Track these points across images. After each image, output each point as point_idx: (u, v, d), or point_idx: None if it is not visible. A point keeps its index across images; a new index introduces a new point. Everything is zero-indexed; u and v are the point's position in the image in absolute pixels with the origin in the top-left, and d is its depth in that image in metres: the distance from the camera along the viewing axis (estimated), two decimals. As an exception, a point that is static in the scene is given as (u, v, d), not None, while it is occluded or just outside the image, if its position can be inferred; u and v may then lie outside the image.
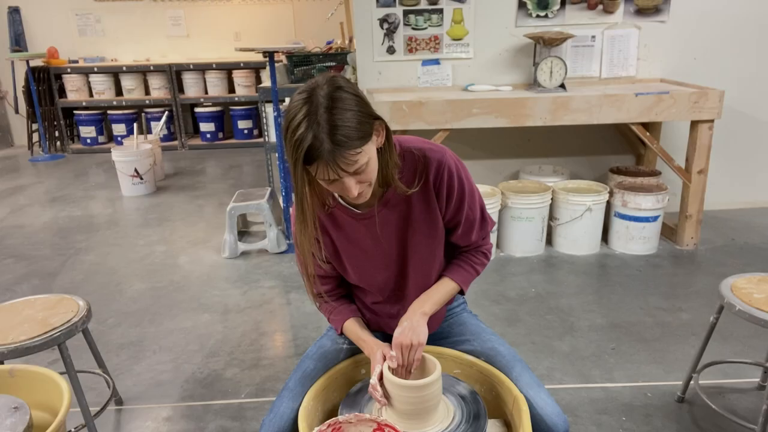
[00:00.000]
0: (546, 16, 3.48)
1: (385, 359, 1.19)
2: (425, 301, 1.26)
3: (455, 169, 1.21)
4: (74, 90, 6.43)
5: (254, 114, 6.48)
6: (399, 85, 3.58)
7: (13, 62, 6.40)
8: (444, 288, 1.30)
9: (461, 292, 1.35)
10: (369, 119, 1.06)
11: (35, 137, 6.40)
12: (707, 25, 3.54)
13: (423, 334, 1.20)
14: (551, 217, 3.33)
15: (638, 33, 3.54)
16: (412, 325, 1.20)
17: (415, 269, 1.28)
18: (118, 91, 6.59)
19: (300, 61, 3.85)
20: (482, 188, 3.22)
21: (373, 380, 1.17)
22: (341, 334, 1.33)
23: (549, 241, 3.40)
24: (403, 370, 1.19)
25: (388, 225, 1.23)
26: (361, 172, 1.07)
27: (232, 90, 6.62)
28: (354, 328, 1.30)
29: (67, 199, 4.70)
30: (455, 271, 1.32)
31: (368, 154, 1.06)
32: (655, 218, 3.23)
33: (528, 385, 1.20)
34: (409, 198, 1.21)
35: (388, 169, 1.16)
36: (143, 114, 6.52)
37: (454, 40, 3.49)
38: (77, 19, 6.61)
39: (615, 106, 3.06)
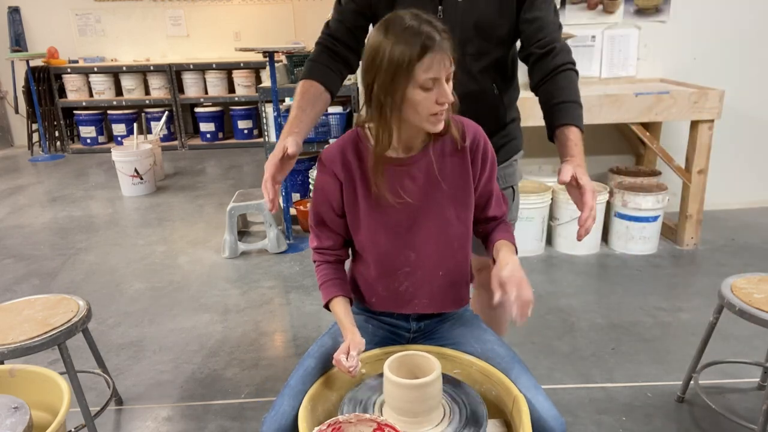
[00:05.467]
0: (546, 16, 3.48)
1: (348, 352, 1.18)
2: (509, 254, 1.24)
3: (487, 138, 1.29)
4: (74, 90, 6.44)
5: (254, 114, 6.48)
6: (399, 85, 3.58)
7: (13, 62, 6.40)
8: (511, 247, 1.28)
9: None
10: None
11: (35, 137, 6.41)
12: (707, 25, 3.54)
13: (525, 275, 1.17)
14: (551, 217, 3.33)
15: (638, 33, 3.54)
16: (518, 264, 1.17)
17: (436, 238, 1.27)
18: (118, 91, 6.60)
19: (300, 61, 3.85)
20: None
21: (338, 354, 1.17)
22: (326, 306, 1.31)
23: (549, 241, 3.41)
24: (523, 311, 1.11)
25: (422, 178, 1.25)
26: (450, 81, 1.13)
27: (232, 90, 6.62)
28: (339, 310, 1.28)
29: (67, 199, 4.70)
30: (508, 237, 1.31)
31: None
32: (655, 218, 3.23)
33: (525, 387, 1.19)
34: (446, 162, 1.25)
35: (453, 110, 1.21)
36: (143, 114, 6.53)
37: (454, 40, 3.48)
38: (77, 19, 6.62)
39: (615, 106, 3.06)
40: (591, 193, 1.18)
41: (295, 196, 4.09)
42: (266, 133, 3.95)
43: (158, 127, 5.72)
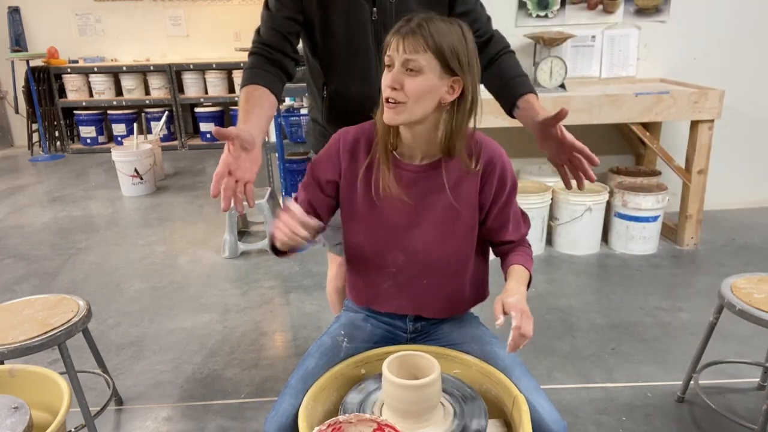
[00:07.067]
0: (546, 16, 3.48)
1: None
2: (520, 284, 1.21)
3: (507, 162, 1.25)
4: (74, 90, 6.43)
5: (254, 114, 6.47)
6: (399, 85, 3.58)
7: (13, 62, 6.39)
8: (524, 274, 1.25)
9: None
10: (451, 60, 1.12)
11: (35, 137, 6.40)
12: (707, 25, 3.54)
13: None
14: (551, 217, 3.33)
15: (638, 33, 3.54)
16: (524, 297, 1.15)
17: (427, 249, 1.27)
18: (118, 91, 6.60)
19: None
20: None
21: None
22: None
23: (549, 241, 3.41)
24: (518, 342, 1.11)
25: (426, 188, 1.24)
26: (410, 75, 1.11)
27: (232, 90, 6.62)
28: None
29: (67, 199, 4.70)
30: (523, 260, 1.28)
31: (428, 74, 1.11)
32: (655, 218, 3.23)
33: (527, 389, 1.19)
34: (454, 180, 1.23)
35: (459, 134, 1.18)
36: (143, 114, 6.53)
37: (454, 40, 3.48)
38: (77, 19, 6.61)
39: (615, 106, 3.06)
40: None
41: (295, 196, 4.09)
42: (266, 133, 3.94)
43: (158, 127, 5.72)
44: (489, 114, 3.06)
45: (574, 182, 1.34)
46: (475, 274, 1.35)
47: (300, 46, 1.54)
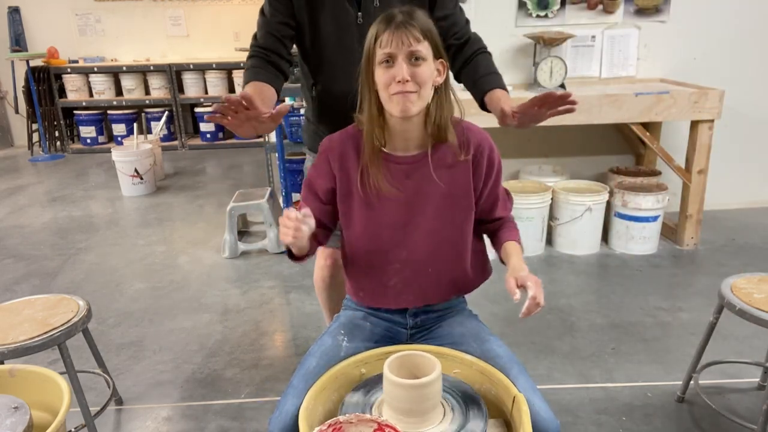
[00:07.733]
0: (546, 16, 3.48)
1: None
2: (521, 260, 1.27)
3: (494, 144, 1.31)
4: (74, 90, 6.43)
5: (254, 114, 6.47)
6: (399, 85, 3.57)
7: (13, 62, 6.39)
8: (519, 249, 1.31)
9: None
10: (439, 44, 1.21)
11: (35, 137, 6.40)
12: (707, 25, 3.54)
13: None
14: (551, 217, 3.33)
15: (638, 33, 3.54)
16: (527, 270, 1.21)
17: (428, 239, 1.29)
18: (118, 91, 6.60)
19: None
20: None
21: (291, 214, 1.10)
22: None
23: (549, 241, 3.40)
24: (532, 310, 1.14)
25: (419, 178, 1.26)
26: (416, 65, 1.16)
27: (232, 90, 6.62)
28: None
29: (67, 199, 4.70)
30: (514, 235, 1.35)
31: (428, 58, 1.18)
32: (655, 218, 3.23)
33: (523, 388, 1.19)
34: (447, 166, 1.27)
35: (443, 115, 1.23)
36: (143, 114, 6.53)
37: (454, 40, 3.48)
38: (77, 19, 6.61)
39: (615, 106, 3.06)
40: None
41: (296, 196, 4.09)
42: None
43: (158, 127, 5.72)
44: (490, 114, 3.08)
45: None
46: (474, 254, 1.38)
47: (294, 49, 1.64)
